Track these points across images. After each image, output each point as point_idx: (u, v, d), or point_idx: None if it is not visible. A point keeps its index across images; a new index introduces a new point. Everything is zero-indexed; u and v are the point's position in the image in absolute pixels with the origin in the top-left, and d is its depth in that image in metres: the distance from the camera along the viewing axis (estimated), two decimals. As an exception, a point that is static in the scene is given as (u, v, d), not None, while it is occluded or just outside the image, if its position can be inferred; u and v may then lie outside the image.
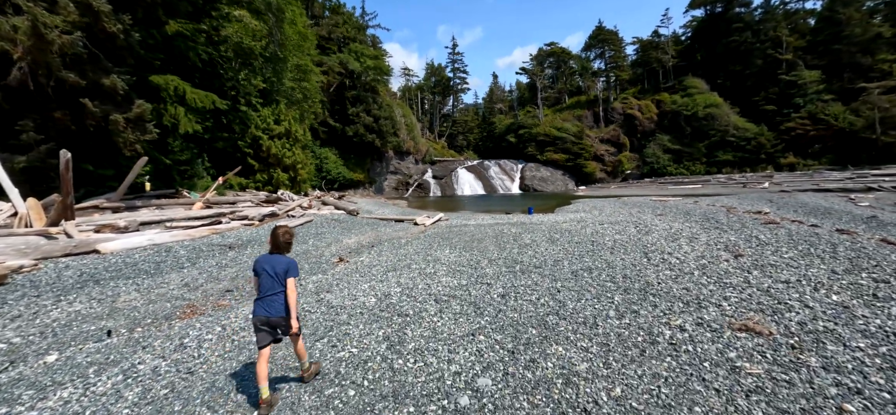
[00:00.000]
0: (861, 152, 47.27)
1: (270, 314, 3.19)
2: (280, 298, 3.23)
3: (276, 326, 3.22)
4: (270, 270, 3.24)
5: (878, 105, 46.03)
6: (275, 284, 3.22)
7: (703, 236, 9.87)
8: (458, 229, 14.36)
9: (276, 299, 3.21)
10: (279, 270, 3.24)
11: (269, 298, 3.21)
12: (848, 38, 54.63)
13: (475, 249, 10.03)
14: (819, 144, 50.52)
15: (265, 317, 3.19)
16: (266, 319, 3.19)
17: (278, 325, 3.23)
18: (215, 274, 8.65)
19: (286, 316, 3.23)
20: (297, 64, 29.08)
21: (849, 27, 54.75)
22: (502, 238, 11.55)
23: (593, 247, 9.36)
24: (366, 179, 49.25)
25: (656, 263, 7.39)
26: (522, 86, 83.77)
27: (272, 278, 3.23)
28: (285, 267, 3.27)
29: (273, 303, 3.20)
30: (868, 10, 57.67)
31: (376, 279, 7.39)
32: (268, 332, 3.22)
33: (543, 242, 10.44)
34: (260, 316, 3.20)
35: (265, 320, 3.20)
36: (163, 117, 15.63)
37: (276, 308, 3.20)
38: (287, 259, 3.34)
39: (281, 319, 3.22)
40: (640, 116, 60.23)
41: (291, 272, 3.29)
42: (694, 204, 19.58)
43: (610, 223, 13.54)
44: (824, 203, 18.37)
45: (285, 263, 3.29)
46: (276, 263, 3.27)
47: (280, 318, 3.21)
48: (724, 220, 12.63)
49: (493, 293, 5.96)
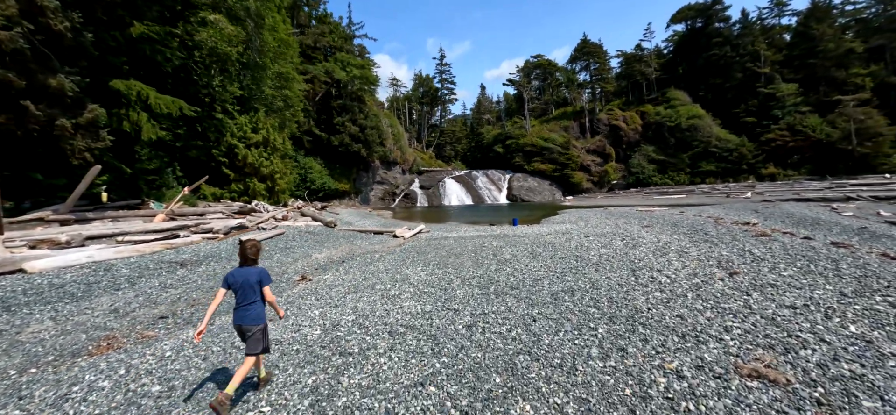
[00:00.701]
0: (838, 163, 47.89)
1: (244, 323, 3.36)
2: (255, 307, 3.39)
3: (247, 332, 3.38)
4: (244, 282, 3.40)
5: (853, 117, 46.76)
6: (250, 295, 3.39)
7: (693, 250, 9.14)
8: (437, 243, 13.47)
9: (252, 308, 3.38)
10: (253, 280, 3.41)
11: (244, 308, 3.37)
12: (822, 53, 55.75)
13: (450, 265, 9.14)
14: (798, 154, 51.11)
15: (240, 326, 3.39)
16: (241, 327, 3.39)
17: (250, 332, 3.37)
18: (154, 296, 7.59)
19: (260, 325, 3.41)
20: (279, 71, 28.11)
21: (823, 42, 55.91)
22: (481, 253, 10.69)
23: (577, 263, 8.55)
24: (351, 190, 48.12)
25: (645, 282, 6.58)
26: (510, 97, 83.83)
27: (247, 290, 3.39)
28: (258, 278, 3.45)
29: (248, 312, 3.37)
30: (840, 27, 59.16)
31: (332, 304, 6.44)
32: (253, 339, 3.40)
33: (524, 258, 9.60)
34: (236, 324, 3.41)
35: (239, 328, 3.40)
36: (123, 123, 14.48)
37: (251, 317, 3.37)
38: (258, 270, 3.50)
39: (255, 327, 3.38)
40: (625, 127, 60.43)
41: (264, 281, 3.48)
42: (680, 215, 19.03)
43: (595, 235, 12.79)
44: (809, 213, 17.96)
45: (257, 274, 3.46)
46: (249, 275, 3.42)
47: (254, 326, 3.37)
48: (713, 232, 11.98)
49: (458, 324, 5.05)
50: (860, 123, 46.26)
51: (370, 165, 50.63)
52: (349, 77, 44.21)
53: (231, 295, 3.48)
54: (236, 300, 3.41)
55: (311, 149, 45.42)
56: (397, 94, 78.92)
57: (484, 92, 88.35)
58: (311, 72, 43.21)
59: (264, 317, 3.46)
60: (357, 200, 48.72)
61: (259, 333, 3.40)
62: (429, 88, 79.15)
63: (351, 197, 48.04)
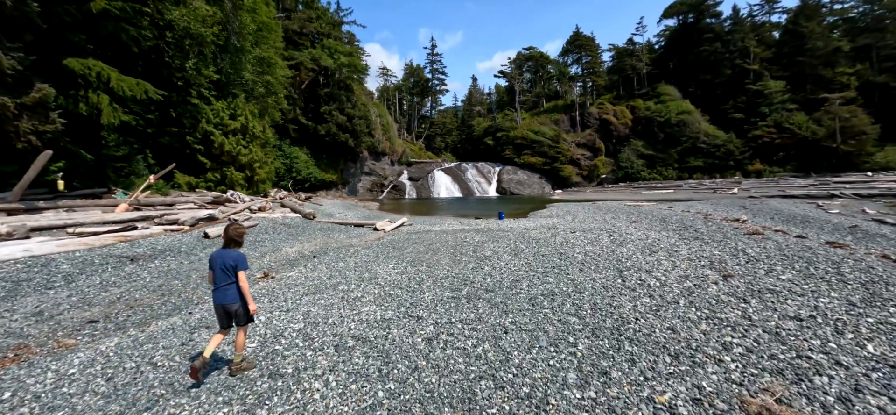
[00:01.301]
0: (822, 160, 48.19)
1: (225, 302, 3.48)
2: (231, 288, 3.50)
3: (230, 312, 3.51)
4: (222, 264, 3.51)
5: (838, 115, 46.97)
6: (225, 277, 3.49)
7: (683, 249, 8.55)
8: (417, 237, 12.74)
9: (228, 290, 3.49)
10: (229, 263, 3.50)
11: (222, 289, 3.49)
12: (810, 51, 55.86)
13: (425, 263, 8.43)
14: (784, 151, 51.32)
15: (221, 304, 3.50)
16: (222, 306, 3.50)
17: (232, 312, 3.50)
18: (90, 296, 6.75)
19: (241, 303, 3.51)
20: (260, 56, 26.88)
21: (811, 40, 56.00)
22: (461, 248, 10.00)
23: (561, 261, 7.90)
24: (339, 180, 47.05)
25: (633, 285, 5.95)
26: (501, 89, 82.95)
27: (223, 272, 3.49)
28: (234, 261, 3.52)
29: (226, 293, 3.48)
30: (828, 25, 59.34)
31: (284, 307, 5.68)
32: (226, 316, 3.53)
33: (506, 255, 8.92)
34: (217, 303, 3.51)
35: (221, 307, 3.50)
36: (80, 106, 13.38)
37: (229, 297, 3.49)
38: (237, 254, 3.58)
39: (235, 305, 3.50)
40: (616, 121, 60.09)
41: (240, 266, 3.53)
42: (669, 210, 18.56)
43: (582, 231, 12.18)
44: (797, 210, 17.61)
45: (234, 258, 3.53)
46: (226, 258, 3.52)
47: (234, 304, 3.49)
48: (703, 228, 11.44)
49: (418, 336, 4.34)
50: (845, 122, 46.48)
51: (358, 155, 49.54)
52: (336, 64, 42.90)
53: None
54: (215, 282, 3.52)
55: (298, 138, 44.15)
56: (388, 83, 77.50)
57: (475, 84, 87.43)
58: (296, 58, 41.83)
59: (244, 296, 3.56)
60: (344, 190, 47.68)
61: (240, 308, 3.53)
62: (419, 79, 77.84)
63: (338, 188, 46.98)
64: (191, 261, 9.28)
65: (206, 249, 10.35)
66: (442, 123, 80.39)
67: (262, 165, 23.57)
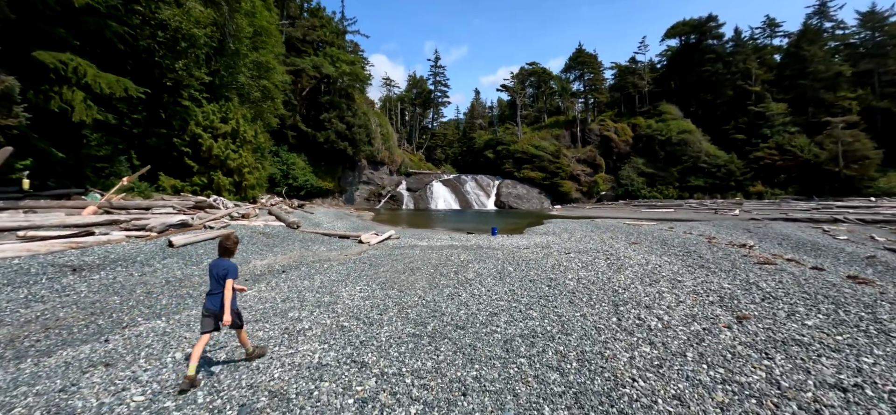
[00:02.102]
0: (824, 184, 47.16)
1: (215, 308, 3.63)
2: (220, 296, 3.63)
3: (218, 317, 3.64)
4: (215, 273, 3.68)
5: (841, 139, 46.07)
6: (217, 285, 3.65)
7: (687, 279, 7.55)
8: (400, 252, 11.78)
9: (219, 297, 3.63)
10: (220, 272, 3.66)
11: (214, 296, 3.65)
12: (812, 74, 55.23)
13: (398, 285, 7.45)
14: (785, 173, 50.32)
15: (211, 310, 3.64)
16: (212, 311, 3.64)
17: (220, 317, 3.62)
18: (6, 314, 5.78)
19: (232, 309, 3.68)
20: (257, 60, 26.23)
21: (813, 64, 55.40)
22: (443, 268, 9.02)
23: (550, 289, 6.91)
24: (336, 189, 46.21)
25: (630, 326, 4.95)
26: (503, 103, 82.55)
27: (215, 280, 3.67)
28: (224, 271, 3.68)
29: (216, 299, 3.64)
30: (830, 50, 58.82)
31: (209, 343, 4.71)
32: (211, 319, 3.64)
33: (489, 278, 7.94)
34: (208, 308, 3.65)
35: (211, 311, 3.64)
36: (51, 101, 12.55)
37: (220, 303, 3.62)
38: (227, 263, 3.75)
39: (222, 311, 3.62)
40: (617, 138, 59.31)
41: (230, 274, 3.67)
42: (670, 231, 17.56)
43: (577, 252, 11.19)
44: (804, 235, 16.57)
45: (225, 267, 3.70)
46: (218, 267, 3.70)
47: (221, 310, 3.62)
48: (708, 254, 10.44)
49: (351, 394, 3.34)
50: (848, 146, 45.56)
51: (356, 164, 48.78)
52: (338, 72, 42.39)
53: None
54: (210, 288, 3.67)
55: (296, 144, 43.48)
56: (391, 93, 77.14)
57: (478, 97, 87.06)
58: (298, 65, 41.35)
59: (235, 302, 3.73)
60: (341, 199, 46.82)
61: (233, 315, 3.69)
62: (422, 90, 77.51)
63: (335, 196, 46.12)
64: (142, 273, 8.32)
65: (165, 260, 9.40)
66: (443, 134, 79.84)
67: (252, 171, 22.70)
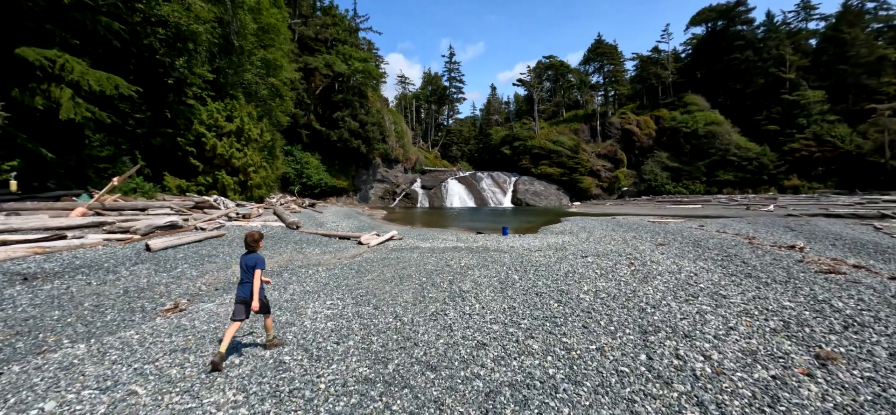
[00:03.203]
0: (867, 177, 43.31)
1: (246, 296, 4.00)
2: (250, 285, 4.00)
3: (249, 304, 4.00)
4: (244, 265, 4.08)
5: (888, 127, 42.11)
6: (247, 275, 4.04)
7: (734, 293, 6.01)
8: (396, 256, 10.58)
9: (249, 286, 4.00)
10: (249, 264, 4.05)
11: (245, 284, 4.02)
12: (853, 59, 50.97)
13: (378, 298, 6.24)
14: (823, 166, 46.53)
15: (242, 297, 4.01)
16: (242, 298, 4.01)
17: (250, 304, 3.99)
18: None
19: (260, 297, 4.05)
20: (265, 58, 25.58)
21: (854, 47, 51.10)
22: (437, 277, 7.75)
23: (560, 306, 5.54)
24: (350, 187, 45.59)
25: (666, 372, 3.54)
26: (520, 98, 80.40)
27: (245, 270, 4.06)
28: (254, 263, 4.05)
29: (246, 287, 4.01)
30: (873, 32, 54.10)
31: (101, 385, 3.60)
32: (243, 308, 4.01)
33: (488, 290, 6.63)
34: (239, 296, 4.02)
35: (242, 299, 4.01)
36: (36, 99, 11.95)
37: (247, 291, 3.99)
38: (256, 256, 4.11)
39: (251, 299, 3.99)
40: (639, 131, 56.48)
41: (258, 266, 4.05)
42: (700, 229, 15.71)
43: (596, 256, 9.70)
44: (858, 234, 14.44)
45: (254, 260, 4.07)
46: (248, 260, 4.08)
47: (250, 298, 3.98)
48: (753, 259, 8.76)
49: None
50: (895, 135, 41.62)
51: (371, 162, 48.04)
52: (350, 70, 41.62)
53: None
54: (241, 278, 4.08)
55: (310, 143, 43.06)
56: (406, 91, 76.27)
57: (494, 92, 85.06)
58: (311, 64, 40.83)
59: (263, 290, 4.13)
60: (356, 198, 46.18)
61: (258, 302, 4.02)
62: (437, 87, 76.24)
63: (349, 195, 45.51)
64: (103, 281, 7.41)
65: (135, 266, 8.50)
66: (459, 131, 78.42)
67: (258, 170, 22.00)
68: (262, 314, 4.22)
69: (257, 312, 4.05)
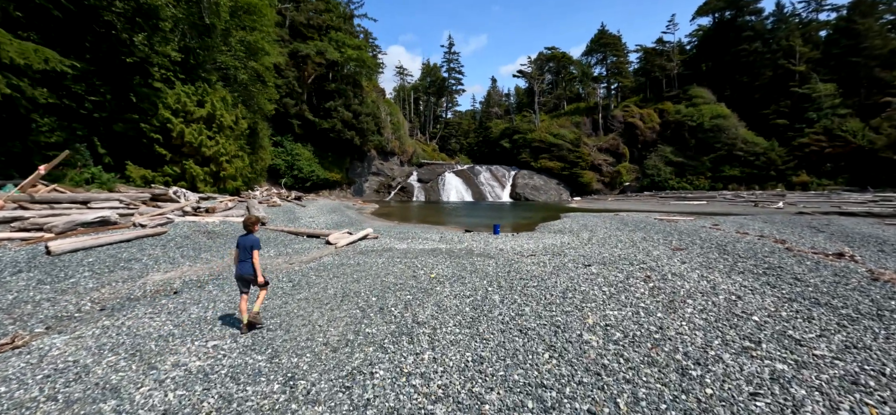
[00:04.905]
0: (881, 173, 40.96)
1: (243, 273, 4.43)
2: (248, 263, 4.41)
3: (247, 280, 4.47)
4: (243, 246, 4.47)
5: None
6: (245, 255, 4.44)
7: (811, 336, 4.02)
8: (358, 262, 8.62)
9: (245, 264, 4.42)
10: (248, 245, 4.45)
11: (243, 263, 4.43)
12: (867, 51, 48.34)
13: (290, 333, 4.30)
14: (833, 162, 44.18)
15: (240, 275, 4.45)
16: (241, 275, 4.45)
17: (249, 280, 4.45)
18: None
19: (253, 274, 4.40)
20: (244, 39, 23.49)
21: (868, 39, 48.46)
22: (394, 296, 5.79)
23: (555, 358, 3.57)
24: (344, 180, 43.63)
25: None
26: (521, 91, 77.90)
27: (244, 250, 4.45)
28: (251, 244, 4.46)
29: (244, 266, 4.42)
30: (887, 23, 51.39)
31: None
32: (244, 283, 4.50)
33: (453, 324, 4.67)
34: (238, 274, 4.46)
35: (240, 276, 4.45)
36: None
37: (246, 269, 4.42)
38: (253, 238, 4.53)
39: (250, 275, 4.41)
40: (642, 125, 54.14)
41: (255, 247, 4.45)
42: (717, 230, 13.66)
43: (601, 264, 7.71)
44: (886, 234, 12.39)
45: (251, 241, 4.49)
46: (246, 241, 4.49)
47: (249, 275, 4.41)
48: (808, 274, 6.74)
49: None
50: (912, 130, 39.23)
51: (365, 154, 46.00)
52: (343, 58, 39.46)
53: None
54: (238, 258, 4.47)
55: (303, 135, 41.04)
56: (404, 82, 73.89)
57: (495, 84, 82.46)
58: (302, 50, 38.66)
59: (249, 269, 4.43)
60: (350, 191, 44.23)
61: (254, 277, 4.41)
62: (436, 78, 73.81)
63: (343, 188, 43.57)
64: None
65: (17, 274, 6.57)
66: (458, 124, 76.07)
67: (232, 160, 20.01)
68: (261, 288, 4.53)
69: (259, 286, 4.45)
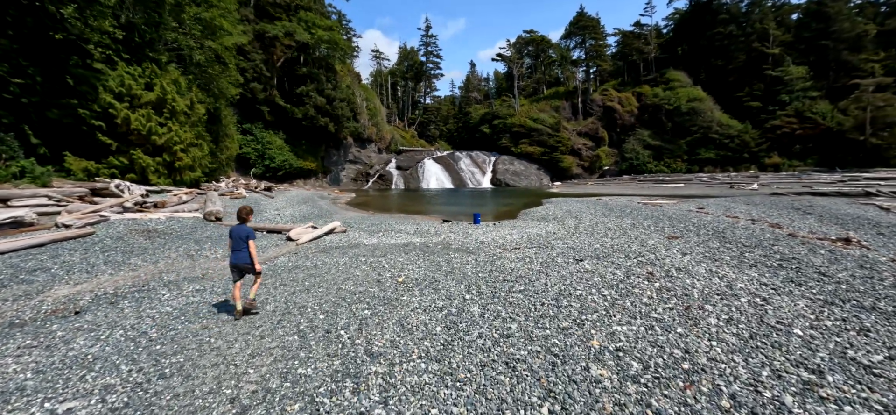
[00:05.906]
0: (847, 154, 42.16)
1: (238, 262, 4.53)
2: (243, 252, 4.54)
3: (242, 269, 4.58)
4: (237, 235, 4.57)
5: (871, 104, 40.74)
6: (240, 244, 4.55)
7: (881, 359, 3.16)
8: (316, 264, 7.41)
9: (241, 253, 4.53)
10: (242, 235, 4.57)
11: (237, 252, 4.54)
12: (836, 34, 49.32)
13: (174, 391, 3.10)
14: (803, 144, 45.15)
15: (235, 264, 4.55)
16: (235, 264, 4.55)
17: (243, 268, 4.58)
18: None
19: (250, 262, 4.54)
20: (199, 16, 21.30)
21: (837, 22, 49.40)
22: (348, 311, 4.64)
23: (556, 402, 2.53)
24: (319, 169, 41.65)
25: None
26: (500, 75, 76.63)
27: (239, 240, 4.55)
28: (246, 234, 4.58)
29: (239, 255, 4.53)
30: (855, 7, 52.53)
31: None
32: (238, 272, 4.57)
33: (418, 354, 3.57)
34: (233, 263, 4.55)
35: (235, 265, 4.55)
36: None
37: (241, 258, 4.53)
38: (247, 228, 4.64)
39: (246, 264, 4.55)
40: (621, 108, 53.98)
41: (250, 237, 4.60)
42: (705, 214, 13.05)
43: (594, 259, 6.76)
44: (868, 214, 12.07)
45: (246, 231, 4.60)
46: (240, 231, 4.59)
47: (245, 264, 4.55)
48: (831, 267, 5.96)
49: None
50: (878, 111, 40.26)
51: (341, 142, 44.02)
52: (314, 40, 37.15)
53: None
54: (232, 247, 4.58)
55: (274, 122, 38.70)
56: (381, 67, 71.34)
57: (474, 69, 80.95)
58: (269, 31, 36.14)
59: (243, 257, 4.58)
60: (326, 180, 42.31)
61: (250, 266, 4.58)
62: (414, 62, 71.55)
63: (318, 177, 41.62)
64: None
65: None
66: (437, 109, 74.34)
67: (188, 149, 18.12)
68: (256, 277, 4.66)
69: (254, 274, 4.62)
